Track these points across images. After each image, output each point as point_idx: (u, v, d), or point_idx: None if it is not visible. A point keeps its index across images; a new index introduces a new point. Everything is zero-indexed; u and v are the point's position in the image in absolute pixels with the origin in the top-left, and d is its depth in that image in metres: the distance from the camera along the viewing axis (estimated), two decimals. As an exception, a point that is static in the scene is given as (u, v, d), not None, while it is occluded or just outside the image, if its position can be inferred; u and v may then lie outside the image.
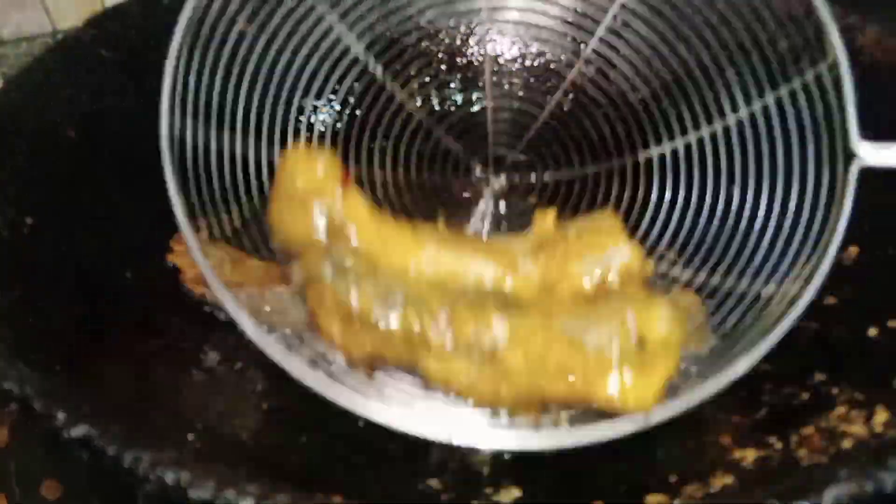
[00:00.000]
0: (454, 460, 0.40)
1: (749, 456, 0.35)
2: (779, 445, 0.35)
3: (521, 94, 0.61)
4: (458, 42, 0.66)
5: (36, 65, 0.47)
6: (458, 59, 0.66)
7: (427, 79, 0.63)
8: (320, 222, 0.40)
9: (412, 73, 0.62)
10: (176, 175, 0.43)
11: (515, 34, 0.64)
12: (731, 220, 0.46)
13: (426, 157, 0.58)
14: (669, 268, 0.46)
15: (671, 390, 0.33)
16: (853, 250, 0.45)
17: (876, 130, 0.48)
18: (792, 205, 0.42)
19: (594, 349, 0.31)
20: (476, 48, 0.67)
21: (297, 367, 0.36)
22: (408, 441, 0.41)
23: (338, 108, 0.64)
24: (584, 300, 0.36)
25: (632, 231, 0.48)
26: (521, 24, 0.62)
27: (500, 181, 0.58)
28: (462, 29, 0.66)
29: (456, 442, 0.33)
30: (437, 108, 0.61)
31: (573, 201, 0.55)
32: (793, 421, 0.36)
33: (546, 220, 0.42)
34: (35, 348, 0.34)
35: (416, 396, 0.36)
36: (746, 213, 0.45)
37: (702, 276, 0.44)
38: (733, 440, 0.37)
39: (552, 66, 0.63)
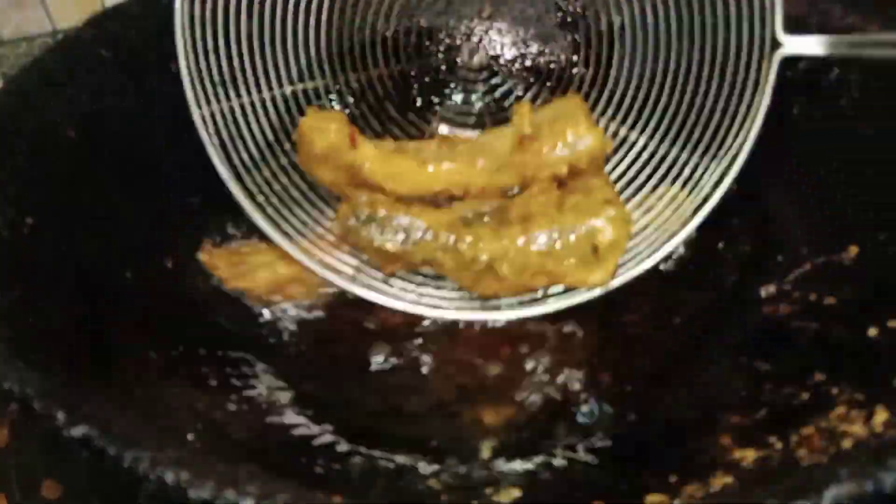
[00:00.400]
0: (455, 459, 0.40)
1: (749, 456, 0.35)
2: (779, 445, 0.35)
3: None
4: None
5: (36, 65, 0.47)
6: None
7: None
8: (341, 176, 0.48)
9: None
10: (218, 148, 0.49)
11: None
12: (676, 92, 0.52)
13: (410, 42, 0.64)
14: (624, 130, 0.53)
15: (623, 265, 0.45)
16: (853, 250, 0.45)
17: (876, 128, 0.48)
18: (725, 88, 0.49)
19: (563, 252, 0.44)
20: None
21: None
22: (408, 441, 0.42)
23: (337, 107, 0.65)
24: (555, 201, 0.45)
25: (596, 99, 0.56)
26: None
27: (479, 55, 0.65)
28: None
29: (463, 318, 0.48)
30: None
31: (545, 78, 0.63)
32: (793, 421, 0.36)
33: (523, 111, 0.50)
34: (35, 348, 0.34)
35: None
36: (689, 87, 0.51)
37: (650, 142, 0.51)
38: (733, 440, 0.37)
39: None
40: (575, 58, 0.60)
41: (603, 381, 0.46)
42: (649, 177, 0.50)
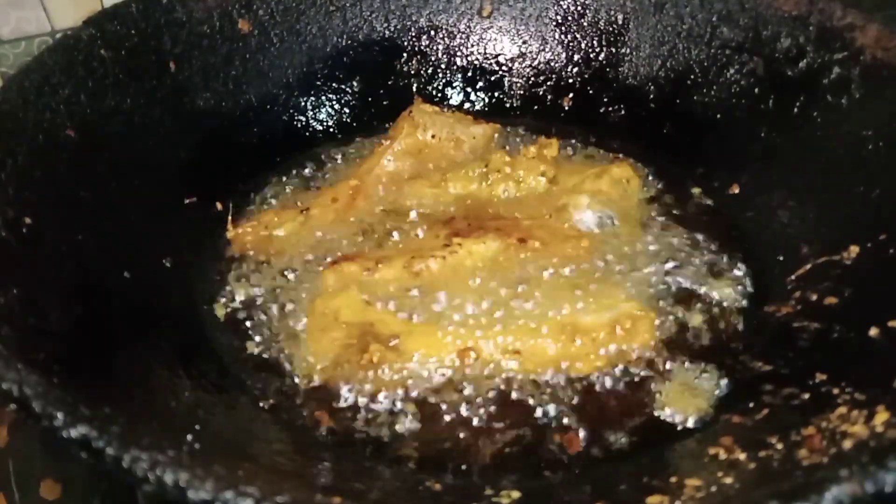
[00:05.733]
0: (455, 461, 0.40)
1: (749, 456, 0.35)
2: (779, 445, 0.35)
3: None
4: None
5: (36, 65, 0.47)
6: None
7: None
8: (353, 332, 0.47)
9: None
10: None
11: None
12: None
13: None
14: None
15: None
16: (854, 250, 0.45)
17: (877, 127, 0.48)
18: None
19: None
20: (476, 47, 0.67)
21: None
22: (408, 443, 0.41)
23: (337, 106, 0.65)
24: None
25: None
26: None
27: None
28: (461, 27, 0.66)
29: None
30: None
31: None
32: (793, 421, 0.36)
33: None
34: (35, 348, 0.33)
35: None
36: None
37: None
38: (734, 440, 0.37)
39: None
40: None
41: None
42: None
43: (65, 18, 0.70)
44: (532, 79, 0.66)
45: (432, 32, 0.66)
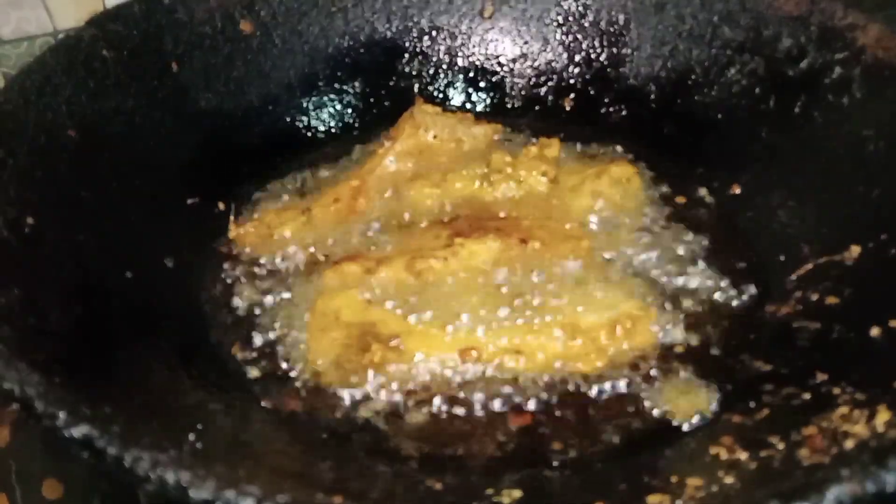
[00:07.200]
0: (454, 460, 0.40)
1: (749, 456, 0.35)
2: (780, 445, 0.35)
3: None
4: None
5: (36, 65, 0.47)
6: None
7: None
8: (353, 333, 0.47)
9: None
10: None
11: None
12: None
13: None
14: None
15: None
16: (855, 250, 0.45)
17: (878, 127, 0.48)
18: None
19: None
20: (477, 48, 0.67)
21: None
22: (409, 443, 0.42)
23: (338, 107, 0.65)
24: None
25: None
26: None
27: None
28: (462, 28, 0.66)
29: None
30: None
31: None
32: (794, 421, 0.36)
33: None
34: (35, 348, 0.33)
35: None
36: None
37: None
38: (734, 440, 0.37)
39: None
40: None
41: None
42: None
43: (66, 19, 0.70)
44: (533, 79, 0.66)
45: (434, 33, 0.66)
